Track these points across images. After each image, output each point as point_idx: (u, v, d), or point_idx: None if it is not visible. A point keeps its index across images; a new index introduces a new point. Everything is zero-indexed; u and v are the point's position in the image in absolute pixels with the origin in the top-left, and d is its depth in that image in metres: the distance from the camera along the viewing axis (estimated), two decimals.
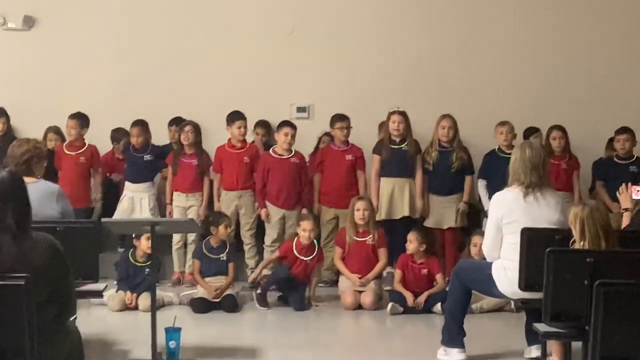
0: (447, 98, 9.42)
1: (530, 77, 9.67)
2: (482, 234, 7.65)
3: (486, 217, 7.48)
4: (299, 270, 7.87)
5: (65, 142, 8.91)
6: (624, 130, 8.80)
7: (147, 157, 8.82)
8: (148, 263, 7.63)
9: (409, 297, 7.61)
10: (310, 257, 7.90)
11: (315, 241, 7.98)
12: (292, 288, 7.78)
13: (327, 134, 9.23)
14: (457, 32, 9.77)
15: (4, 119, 9.24)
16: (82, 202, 8.60)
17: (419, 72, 9.71)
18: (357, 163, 8.78)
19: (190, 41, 9.73)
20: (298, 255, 7.89)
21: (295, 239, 7.98)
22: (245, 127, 8.67)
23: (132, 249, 7.79)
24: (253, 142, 9.15)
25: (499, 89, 9.66)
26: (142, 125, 8.81)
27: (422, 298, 7.60)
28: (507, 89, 9.65)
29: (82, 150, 8.82)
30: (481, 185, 8.64)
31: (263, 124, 9.35)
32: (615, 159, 8.82)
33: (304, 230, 7.88)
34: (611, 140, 9.11)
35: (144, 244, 7.62)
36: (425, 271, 7.78)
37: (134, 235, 7.75)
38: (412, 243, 7.79)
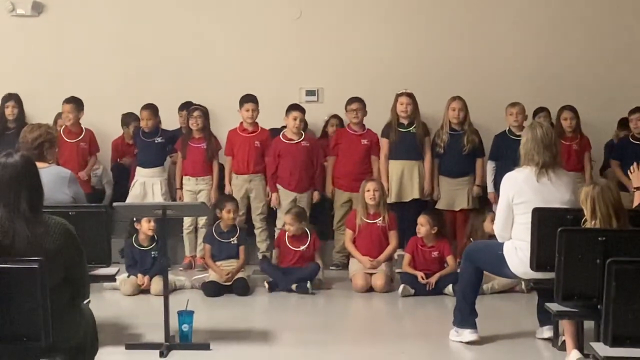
0: (456, 80, 9.39)
1: (540, 57, 9.63)
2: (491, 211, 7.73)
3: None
4: (296, 260, 7.93)
5: (62, 128, 8.81)
6: (638, 109, 8.76)
7: (158, 139, 8.84)
8: (152, 246, 7.67)
9: (419, 274, 7.63)
10: (303, 246, 7.94)
11: (307, 230, 8.00)
12: (290, 277, 7.79)
13: (334, 116, 9.24)
14: (465, 13, 9.73)
15: (13, 102, 9.18)
16: (84, 188, 8.60)
17: (427, 54, 9.68)
18: (372, 148, 8.77)
19: (199, 26, 9.72)
20: (289, 246, 7.94)
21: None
22: (255, 109, 8.64)
23: (135, 234, 7.82)
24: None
25: (508, 70, 9.62)
26: (152, 108, 8.82)
27: (433, 278, 7.62)
28: (516, 70, 9.61)
29: (81, 136, 8.81)
30: (490, 166, 8.63)
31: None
32: (630, 139, 8.78)
33: (286, 224, 7.95)
34: (622, 120, 9.08)
35: (144, 226, 7.65)
36: (435, 254, 7.79)
37: (134, 220, 7.77)
38: (424, 226, 7.79)
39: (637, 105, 8.86)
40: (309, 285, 7.63)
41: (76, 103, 8.78)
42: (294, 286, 7.67)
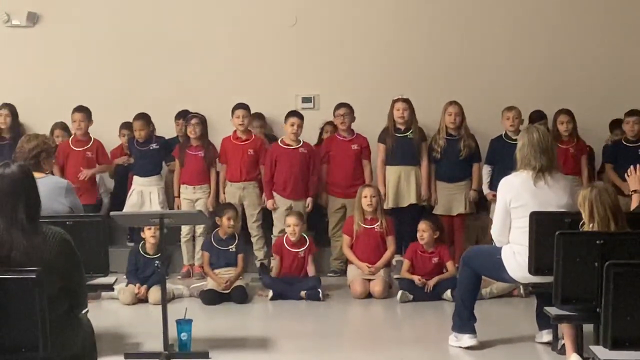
0: (453, 85, 9.39)
1: (535, 61, 9.63)
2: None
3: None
4: (294, 264, 7.91)
5: (71, 137, 8.87)
6: (634, 112, 8.74)
7: (153, 146, 8.82)
8: (157, 255, 7.65)
9: (416, 278, 7.62)
10: (302, 249, 7.93)
11: (304, 235, 7.99)
12: (291, 287, 7.78)
13: (329, 123, 9.25)
14: (461, 19, 9.74)
15: (7, 111, 9.10)
16: (90, 197, 8.62)
17: (424, 60, 9.68)
18: (362, 152, 8.77)
19: (194, 34, 9.72)
20: (289, 249, 7.92)
21: (285, 235, 8.01)
22: (246, 116, 8.63)
23: (142, 242, 7.81)
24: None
25: (505, 75, 9.62)
26: (144, 118, 8.79)
27: (432, 281, 7.61)
28: (512, 75, 9.60)
29: (89, 145, 8.81)
30: (486, 170, 8.63)
31: (259, 116, 9.30)
32: (623, 142, 8.78)
33: (289, 226, 7.94)
34: (614, 122, 9.07)
35: (147, 234, 7.65)
36: (435, 259, 7.78)
37: (143, 228, 7.78)
38: (426, 232, 7.77)
39: (633, 108, 8.86)
40: (320, 294, 7.64)
41: (86, 111, 8.77)
42: (303, 293, 7.67)
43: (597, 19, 9.69)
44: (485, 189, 8.55)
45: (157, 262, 7.52)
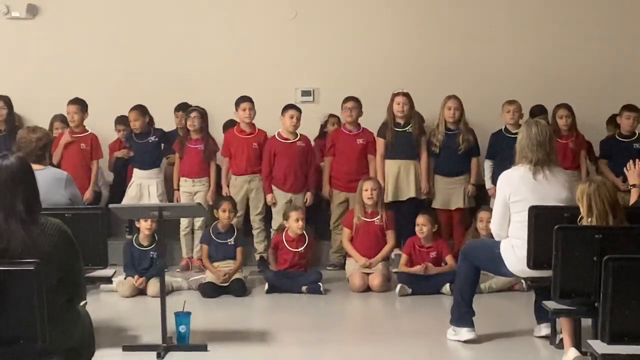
0: (452, 80, 9.39)
1: (535, 55, 9.63)
2: (488, 209, 7.73)
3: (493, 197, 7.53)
4: (293, 262, 7.90)
5: (67, 130, 8.86)
6: (632, 108, 8.72)
7: (152, 138, 8.81)
8: (152, 246, 7.65)
9: (417, 268, 7.62)
10: (302, 247, 7.92)
11: (304, 232, 7.98)
12: (292, 281, 7.77)
13: (332, 115, 9.23)
14: (461, 13, 9.74)
15: (2, 103, 9.05)
16: (86, 190, 8.62)
17: (423, 54, 9.68)
18: (368, 147, 8.75)
19: (194, 27, 9.73)
20: (288, 248, 7.92)
21: (285, 231, 7.99)
22: (251, 109, 8.61)
23: (136, 234, 7.81)
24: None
25: (504, 69, 9.62)
26: (139, 109, 8.75)
27: (433, 269, 7.62)
28: (511, 69, 9.61)
29: (82, 136, 8.79)
30: (487, 165, 8.64)
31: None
32: (617, 137, 8.77)
33: (297, 220, 7.89)
34: (612, 117, 9.06)
35: (142, 225, 7.65)
36: (433, 254, 7.78)
37: (137, 220, 7.77)
38: (425, 226, 7.77)
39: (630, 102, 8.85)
40: (321, 287, 7.64)
41: (80, 104, 8.76)
42: (304, 288, 7.66)
43: (597, 12, 9.67)
44: (488, 184, 8.56)
45: (152, 253, 7.58)
